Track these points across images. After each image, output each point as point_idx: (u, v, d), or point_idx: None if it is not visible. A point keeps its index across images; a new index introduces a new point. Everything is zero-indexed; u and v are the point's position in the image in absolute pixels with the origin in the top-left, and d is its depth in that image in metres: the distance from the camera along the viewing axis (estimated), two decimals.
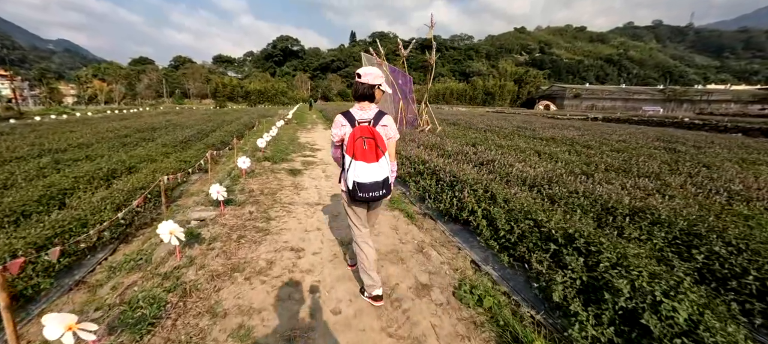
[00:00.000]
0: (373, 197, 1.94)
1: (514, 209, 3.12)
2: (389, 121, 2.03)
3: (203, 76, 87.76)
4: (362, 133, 1.88)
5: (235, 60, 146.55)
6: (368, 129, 1.90)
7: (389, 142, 2.04)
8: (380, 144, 1.89)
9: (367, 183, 1.89)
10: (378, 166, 1.90)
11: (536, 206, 3.17)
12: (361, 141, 1.87)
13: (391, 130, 2.05)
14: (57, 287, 2.43)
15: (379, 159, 1.89)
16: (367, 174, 1.88)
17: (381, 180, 1.92)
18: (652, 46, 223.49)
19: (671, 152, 8.15)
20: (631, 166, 5.72)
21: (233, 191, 4.47)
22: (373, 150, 1.87)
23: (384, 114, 2.03)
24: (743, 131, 16.79)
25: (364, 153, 1.87)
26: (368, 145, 1.87)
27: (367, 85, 1.96)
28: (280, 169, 6.11)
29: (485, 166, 5.29)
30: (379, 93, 2.03)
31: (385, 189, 1.97)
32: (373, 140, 1.87)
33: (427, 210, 4.17)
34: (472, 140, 9.29)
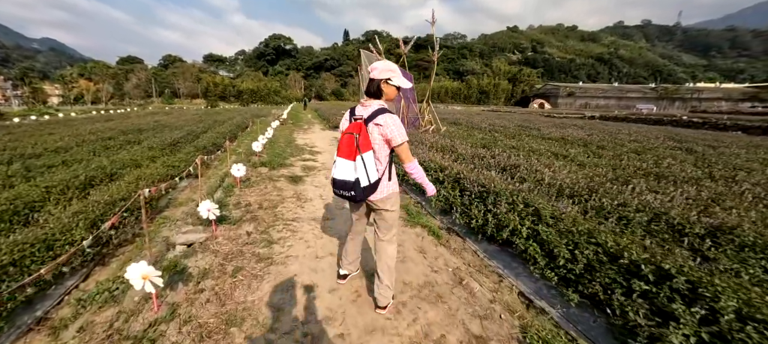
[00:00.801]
0: (340, 194, 1.88)
1: (569, 230, 2.59)
2: (388, 120, 1.81)
3: (194, 75, 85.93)
4: (350, 128, 1.82)
5: (227, 59, 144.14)
6: (357, 125, 1.81)
7: (382, 143, 1.85)
8: (362, 142, 1.77)
9: (337, 180, 1.83)
10: (351, 165, 1.77)
11: (589, 224, 2.65)
12: (345, 136, 1.81)
13: (390, 130, 1.80)
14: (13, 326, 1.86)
15: (355, 157, 1.77)
16: (339, 171, 1.81)
17: (352, 180, 1.78)
18: (642, 45, 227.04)
19: (690, 153, 7.76)
20: (662, 171, 5.27)
21: (227, 205, 3.86)
22: (352, 146, 1.77)
23: (383, 112, 1.82)
24: (743, 129, 16.66)
25: (343, 148, 1.81)
26: (348, 140, 1.78)
27: (374, 80, 1.84)
28: (279, 176, 5.49)
29: (509, 172, 4.76)
30: (389, 89, 1.88)
31: (355, 191, 1.80)
32: (353, 136, 1.77)
33: (452, 225, 3.63)
34: (481, 141, 8.78)
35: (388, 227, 2.05)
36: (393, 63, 1.88)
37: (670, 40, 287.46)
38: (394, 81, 1.85)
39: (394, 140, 1.81)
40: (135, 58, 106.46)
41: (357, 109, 1.92)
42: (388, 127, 1.80)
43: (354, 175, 1.78)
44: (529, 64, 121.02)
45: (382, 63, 1.84)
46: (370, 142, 1.80)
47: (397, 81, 1.85)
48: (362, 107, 1.89)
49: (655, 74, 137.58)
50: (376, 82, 1.84)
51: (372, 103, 1.87)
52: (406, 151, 1.86)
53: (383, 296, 2.08)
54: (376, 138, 1.83)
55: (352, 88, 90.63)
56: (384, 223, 2.05)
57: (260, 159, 6.53)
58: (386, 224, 2.05)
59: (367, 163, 1.80)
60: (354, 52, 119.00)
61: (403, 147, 1.84)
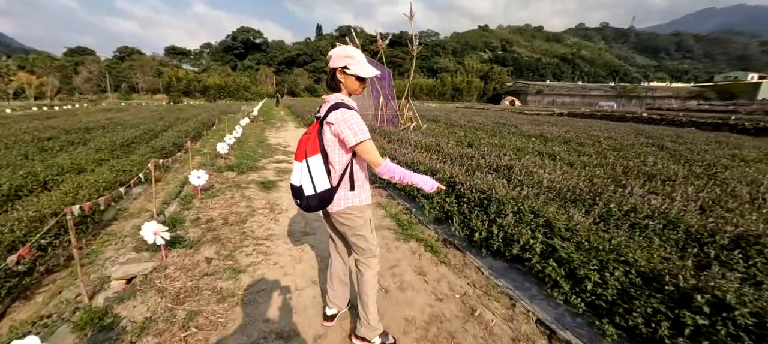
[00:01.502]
0: (295, 203, 1.63)
1: (593, 246, 2.27)
2: (339, 116, 1.45)
3: (154, 68, 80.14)
4: (309, 129, 1.60)
5: (191, 52, 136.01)
6: (314, 124, 1.57)
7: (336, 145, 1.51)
8: (311, 144, 1.50)
9: (291, 184, 1.62)
10: (299, 168, 1.54)
11: (609, 236, 2.34)
12: (303, 138, 1.58)
13: (341, 129, 1.45)
14: None
15: (302, 159, 1.52)
16: (293, 175, 1.60)
17: (298, 185, 1.55)
18: (601, 47, 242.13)
19: (662, 149, 7.93)
20: (650, 169, 5.22)
21: (183, 222, 3.20)
22: (302, 147, 1.54)
23: (338, 108, 1.47)
24: (696, 125, 17.81)
25: (298, 149, 1.58)
26: (303, 142, 1.56)
27: (331, 70, 1.54)
28: (249, 182, 4.83)
29: (502, 174, 4.46)
30: (347, 80, 1.53)
31: (301, 201, 1.55)
32: (307, 137, 1.54)
33: (449, 237, 3.23)
34: (464, 139, 8.53)
35: (359, 247, 1.72)
36: (353, 48, 1.52)
37: (626, 42, 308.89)
38: (353, 69, 1.49)
39: (347, 140, 1.46)
40: (86, 49, 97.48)
41: (321, 107, 1.61)
42: (338, 125, 1.45)
43: (299, 180, 1.54)
44: (500, 62, 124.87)
45: (338, 49, 1.53)
46: (317, 144, 1.50)
47: (356, 69, 1.49)
48: (324, 105, 1.59)
49: (612, 73, 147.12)
50: (330, 71, 1.54)
51: (330, 98, 1.56)
52: (370, 151, 1.49)
53: (365, 339, 1.78)
54: (328, 138, 1.51)
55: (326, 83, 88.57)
56: (353, 240, 1.71)
57: (227, 162, 5.80)
58: (356, 243, 1.72)
59: (313, 168, 1.50)
60: (328, 47, 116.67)
61: (363, 147, 1.47)
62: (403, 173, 1.57)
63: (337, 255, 1.91)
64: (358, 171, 1.61)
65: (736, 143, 9.24)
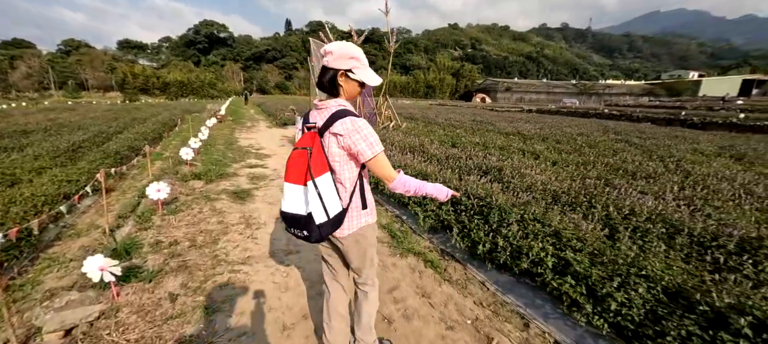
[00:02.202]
0: (295, 235, 1.32)
1: (603, 257, 2.12)
2: (350, 126, 1.23)
3: (106, 63, 73.77)
4: (303, 142, 1.27)
5: (149, 46, 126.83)
6: (310, 136, 1.27)
7: (345, 159, 1.30)
8: (314, 161, 1.21)
9: (287, 214, 1.30)
10: (301, 193, 1.25)
11: (616, 246, 2.22)
12: (295, 152, 1.27)
13: (355, 141, 1.23)
14: None
15: (306, 182, 1.23)
16: (288, 201, 1.29)
17: (303, 214, 1.25)
18: (562, 46, 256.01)
19: (631, 145, 8.23)
20: (628, 166, 5.34)
21: (140, 247, 2.70)
22: (302, 167, 1.24)
23: (344, 116, 1.25)
24: (651, 120, 19.07)
25: (291, 169, 1.27)
26: (298, 158, 1.25)
27: (327, 68, 1.27)
28: (219, 191, 4.32)
29: (492, 176, 4.32)
30: (349, 86, 1.31)
31: (309, 231, 1.25)
32: (305, 152, 1.23)
33: (446, 247, 3.00)
34: (445, 138, 8.42)
35: (367, 271, 1.54)
36: (357, 49, 1.26)
37: (584, 42, 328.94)
38: (358, 74, 1.27)
39: (362, 154, 1.25)
40: (23, 42, 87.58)
41: (311, 114, 1.36)
42: (350, 136, 1.23)
43: (305, 208, 1.24)
44: (470, 60, 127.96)
45: (339, 46, 1.25)
46: (325, 160, 1.25)
47: (361, 74, 1.27)
48: (317, 111, 1.34)
49: (573, 71, 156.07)
50: (330, 73, 1.27)
51: (328, 104, 1.30)
52: (384, 164, 1.30)
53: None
54: (335, 153, 1.28)
55: (297, 80, 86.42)
56: (361, 264, 1.50)
57: (193, 169, 5.21)
58: (363, 267, 1.52)
59: (323, 190, 1.23)
60: (298, 42, 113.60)
61: (377, 161, 1.27)
62: (418, 185, 1.38)
63: (337, 284, 1.63)
64: (366, 186, 1.42)
65: (692, 138, 9.85)
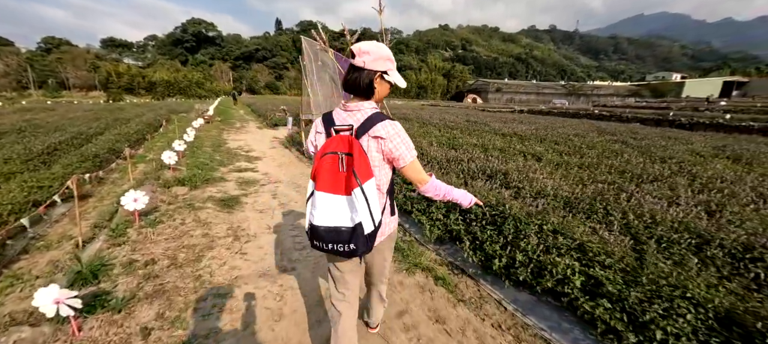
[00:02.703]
0: (334, 250, 1.16)
1: (635, 274, 1.89)
2: (391, 130, 1.19)
3: (88, 62, 71.46)
4: (335, 146, 1.14)
5: (134, 45, 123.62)
6: (344, 140, 1.15)
7: (382, 163, 1.24)
8: (359, 167, 1.10)
9: (322, 228, 1.14)
10: (347, 203, 1.13)
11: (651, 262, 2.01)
12: (327, 158, 1.14)
13: (395, 145, 1.19)
14: None
15: (350, 192, 1.11)
16: (324, 213, 1.14)
17: (348, 227, 1.13)
18: (550, 47, 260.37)
19: (629, 146, 8.13)
20: (631, 168, 5.20)
21: (111, 267, 2.36)
22: (340, 174, 1.13)
23: (381, 120, 1.18)
24: (640, 121, 19.29)
25: (324, 176, 1.14)
26: (333, 164, 1.13)
27: (364, 70, 1.17)
28: (205, 199, 3.97)
29: (498, 180, 4.09)
30: (383, 88, 1.25)
31: (355, 243, 1.13)
32: (338, 158, 1.13)
33: (455, 260, 2.75)
34: (441, 139, 8.19)
35: (385, 275, 1.57)
36: (389, 49, 1.21)
37: (571, 44, 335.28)
38: (392, 76, 1.23)
39: (402, 158, 1.22)
40: (1, 39, 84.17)
41: (336, 116, 1.27)
42: (392, 140, 1.20)
43: (350, 219, 1.15)
44: (460, 60, 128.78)
45: (375, 46, 1.19)
46: (368, 165, 1.16)
47: (394, 77, 1.24)
48: (346, 112, 1.24)
49: (561, 72, 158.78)
50: (366, 75, 1.19)
51: (362, 105, 1.23)
52: (418, 168, 1.29)
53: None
54: (374, 157, 1.22)
55: (288, 80, 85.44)
56: (382, 270, 1.52)
57: (176, 174, 4.83)
58: (383, 272, 1.54)
59: (370, 197, 1.14)
60: (288, 42, 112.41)
61: (413, 165, 1.26)
62: (446, 190, 1.36)
63: (347, 305, 1.44)
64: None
65: (684, 138, 9.84)
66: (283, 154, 7.57)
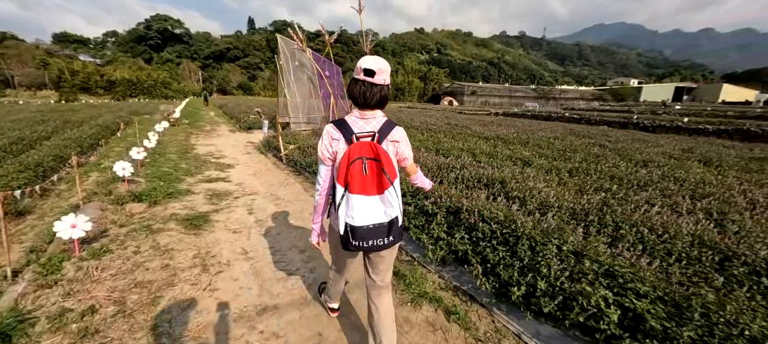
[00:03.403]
0: (374, 246, 1.31)
1: (674, 302, 1.66)
2: (402, 135, 1.42)
3: (37, 58, 65.36)
4: (361, 151, 1.26)
5: (91, 40, 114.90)
6: (370, 146, 1.28)
7: (404, 165, 1.52)
8: (388, 168, 1.27)
9: (364, 227, 1.27)
10: (381, 202, 1.30)
11: (710, 295, 1.80)
12: (360, 163, 1.26)
13: (405, 146, 1.44)
14: None
15: (383, 191, 1.29)
16: (365, 214, 1.27)
17: (386, 222, 1.30)
18: (520, 53, 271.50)
19: (606, 149, 8.25)
20: (618, 173, 5.18)
21: (32, 321, 1.80)
22: (375, 177, 1.28)
23: (394, 125, 1.39)
24: (607, 123, 20.23)
25: (363, 181, 1.26)
26: (369, 169, 1.27)
27: (385, 85, 1.34)
28: (167, 218, 3.41)
29: (497, 190, 3.85)
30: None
31: (393, 235, 1.33)
32: (376, 162, 1.27)
33: (460, 283, 2.44)
34: (426, 143, 7.94)
35: (390, 266, 1.60)
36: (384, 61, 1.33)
37: (539, 50, 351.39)
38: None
39: (409, 157, 1.50)
40: None
41: (354, 123, 1.34)
42: (403, 142, 1.43)
43: (385, 214, 1.30)
44: (436, 63, 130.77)
45: (385, 63, 1.31)
46: (393, 164, 1.32)
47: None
48: (362, 119, 1.35)
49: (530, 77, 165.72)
50: (387, 89, 1.35)
51: (376, 114, 1.36)
52: (414, 164, 1.64)
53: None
54: (394, 161, 1.36)
55: (262, 81, 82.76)
56: (388, 263, 1.56)
57: (132, 188, 4.19)
58: (391, 265, 1.61)
59: (398, 192, 1.33)
60: (262, 42, 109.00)
61: (413, 163, 1.59)
62: (423, 177, 1.77)
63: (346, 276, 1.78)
64: None
65: (652, 141, 10.22)
66: (258, 161, 6.99)
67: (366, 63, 1.28)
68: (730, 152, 7.64)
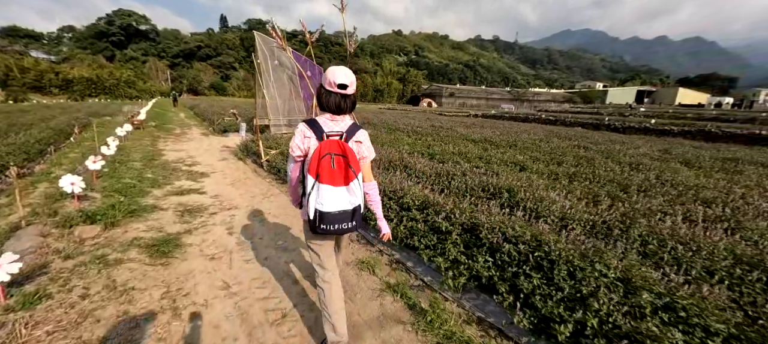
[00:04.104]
0: (339, 230, 1.53)
1: None
2: (365, 136, 1.65)
3: None
4: (330, 148, 1.47)
5: (45, 36, 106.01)
6: (338, 144, 1.48)
7: (363, 163, 1.64)
8: (352, 163, 1.48)
9: (332, 212, 1.48)
10: (347, 192, 1.51)
11: None
12: (328, 158, 1.46)
13: (367, 147, 1.65)
14: None
15: (349, 182, 1.50)
16: (332, 202, 1.48)
17: (350, 209, 1.52)
18: (495, 56, 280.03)
19: (590, 151, 8.31)
20: (617, 178, 5.10)
21: None
22: (342, 170, 1.49)
23: (359, 128, 1.64)
24: (581, 125, 20.98)
25: (332, 174, 1.47)
26: (337, 163, 1.48)
27: (353, 95, 1.56)
28: (127, 244, 2.82)
29: (505, 199, 3.57)
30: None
31: (355, 220, 1.56)
32: (343, 158, 1.48)
33: (483, 313, 2.10)
34: (416, 147, 7.63)
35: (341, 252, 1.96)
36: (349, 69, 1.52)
37: (512, 54, 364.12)
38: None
39: (368, 156, 1.67)
40: None
41: (325, 124, 1.54)
42: (365, 143, 1.64)
43: (350, 203, 1.52)
44: (414, 66, 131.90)
45: (352, 75, 1.51)
46: (357, 162, 1.52)
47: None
48: (332, 121, 1.55)
49: (504, 79, 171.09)
50: (352, 99, 1.56)
51: (344, 118, 1.59)
52: (371, 167, 1.75)
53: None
54: (357, 157, 1.56)
55: (236, 81, 79.75)
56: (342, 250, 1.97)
57: (85, 206, 3.53)
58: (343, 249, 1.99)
59: (360, 185, 1.54)
60: (235, 40, 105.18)
61: (370, 164, 1.72)
62: (378, 201, 1.75)
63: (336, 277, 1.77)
64: None
65: (630, 142, 10.50)
66: (236, 168, 6.37)
67: (339, 78, 1.45)
68: (702, 153, 7.91)
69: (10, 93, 41.92)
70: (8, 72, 47.02)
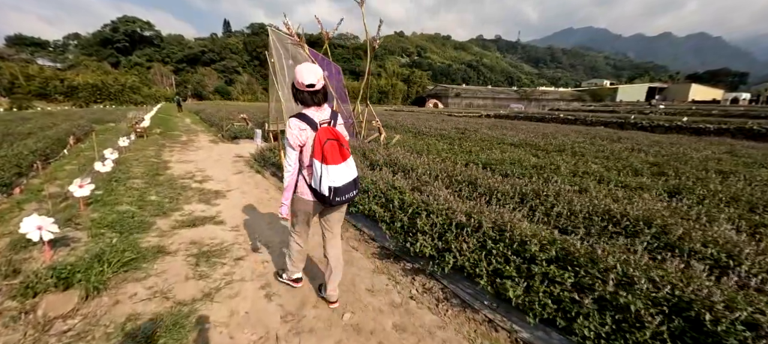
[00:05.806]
0: (348, 199, 1.88)
1: None
2: (341, 120, 2.00)
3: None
4: (328, 135, 1.78)
5: (51, 44, 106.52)
6: (331, 130, 1.82)
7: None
8: (344, 142, 1.84)
9: (342, 185, 1.81)
10: (347, 166, 1.85)
11: None
12: (330, 143, 1.76)
13: (345, 130, 2.00)
14: None
15: (346, 159, 1.85)
16: (341, 177, 1.80)
17: (352, 179, 1.88)
18: (498, 56, 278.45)
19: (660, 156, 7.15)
20: (668, 185, 4.12)
21: None
22: (338, 151, 1.80)
23: (337, 113, 1.96)
24: (604, 124, 19.82)
25: (334, 155, 1.78)
26: (336, 147, 1.79)
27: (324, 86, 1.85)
28: (115, 331, 1.83)
29: (640, 237, 2.54)
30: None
31: (357, 188, 1.92)
32: (336, 141, 1.79)
33: None
34: (461, 155, 6.58)
35: (340, 221, 2.11)
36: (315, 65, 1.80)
37: (515, 53, 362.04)
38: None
39: (346, 135, 1.94)
40: None
41: (314, 115, 1.83)
42: (345, 125, 2.08)
43: (352, 174, 1.87)
44: (417, 66, 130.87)
45: (318, 70, 1.78)
46: (347, 140, 1.87)
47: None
48: (318, 112, 1.86)
49: (508, 79, 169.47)
50: (322, 91, 1.84)
51: (324, 106, 1.90)
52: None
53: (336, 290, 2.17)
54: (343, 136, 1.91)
55: (240, 85, 79.36)
56: (338, 218, 2.09)
57: (60, 256, 2.55)
58: (340, 219, 2.11)
59: (352, 159, 1.92)
60: (238, 44, 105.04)
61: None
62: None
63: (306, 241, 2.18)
64: None
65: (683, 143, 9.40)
66: (255, 183, 5.37)
67: (307, 78, 1.74)
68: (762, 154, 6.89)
69: (14, 101, 41.55)
70: (13, 80, 46.76)
